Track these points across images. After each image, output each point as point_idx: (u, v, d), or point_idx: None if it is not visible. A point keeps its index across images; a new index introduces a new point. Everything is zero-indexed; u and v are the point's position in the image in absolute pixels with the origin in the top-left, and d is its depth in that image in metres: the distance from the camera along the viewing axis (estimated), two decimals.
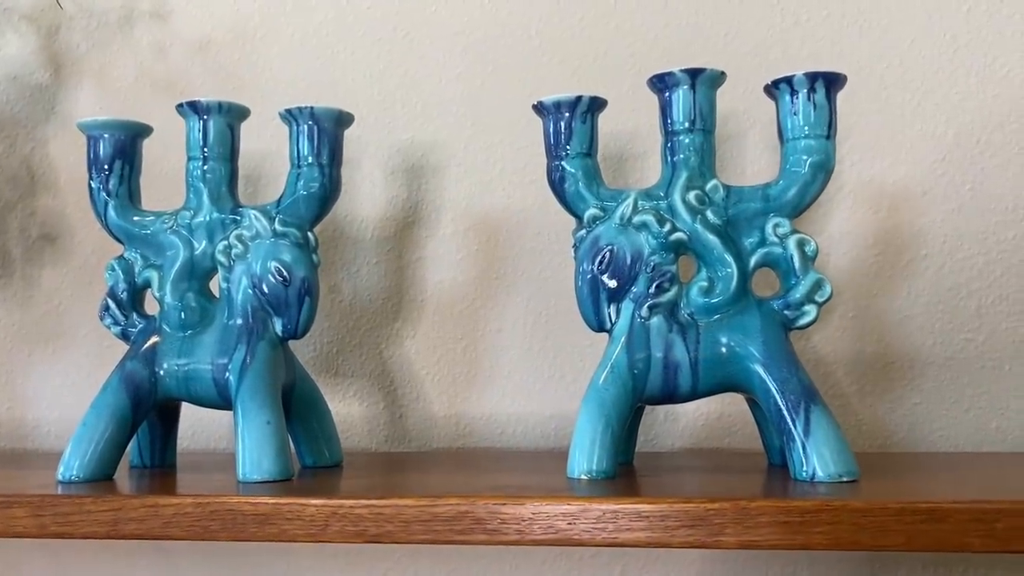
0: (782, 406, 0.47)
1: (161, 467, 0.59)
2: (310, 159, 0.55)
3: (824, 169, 0.51)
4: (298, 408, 0.58)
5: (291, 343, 0.59)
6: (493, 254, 0.72)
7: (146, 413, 0.55)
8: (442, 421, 0.72)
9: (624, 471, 0.53)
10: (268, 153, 0.73)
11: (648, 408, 0.68)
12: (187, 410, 0.60)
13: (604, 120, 0.55)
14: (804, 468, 0.46)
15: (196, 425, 0.74)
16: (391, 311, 0.73)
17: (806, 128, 0.50)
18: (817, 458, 0.46)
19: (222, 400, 0.54)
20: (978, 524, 0.38)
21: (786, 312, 0.50)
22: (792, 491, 0.43)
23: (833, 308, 0.67)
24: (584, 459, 0.48)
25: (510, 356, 0.71)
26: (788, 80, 0.50)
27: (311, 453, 0.58)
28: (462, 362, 0.72)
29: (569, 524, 0.41)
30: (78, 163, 0.77)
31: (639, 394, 0.50)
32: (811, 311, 0.49)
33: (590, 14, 0.71)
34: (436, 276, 0.73)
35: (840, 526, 0.39)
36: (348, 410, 0.73)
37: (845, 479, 0.45)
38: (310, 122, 0.55)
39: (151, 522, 0.44)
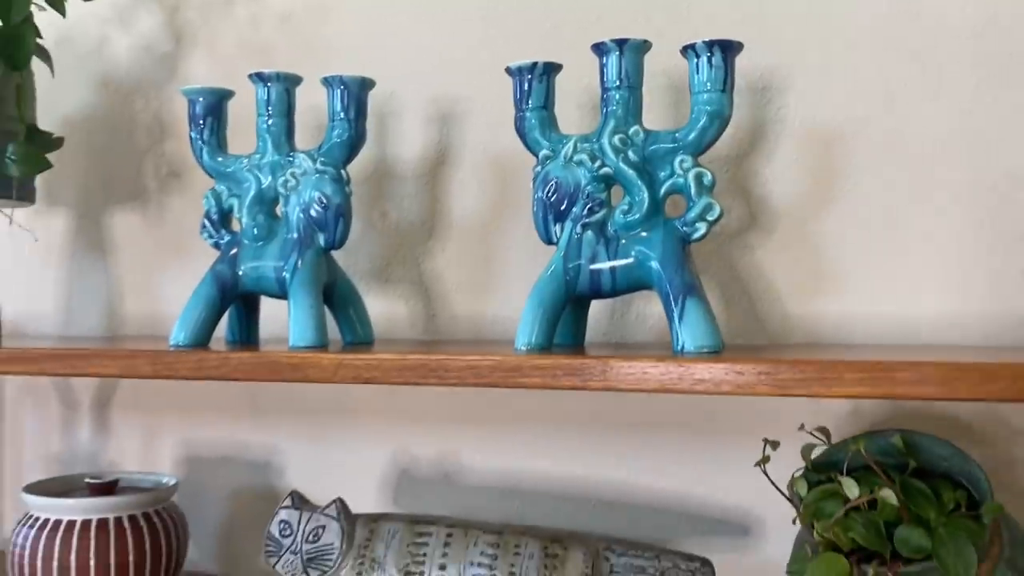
0: (669, 296, 0.63)
1: (246, 343, 0.80)
2: (341, 115, 0.74)
3: (719, 117, 0.65)
4: (339, 300, 0.78)
5: (350, 257, 0.79)
6: (504, 186, 0.89)
7: (231, 301, 0.77)
8: (464, 319, 0.91)
9: (568, 349, 0.69)
10: None
11: (624, 310, 0.85)
12: (279, 308, 0.81)
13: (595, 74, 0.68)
14: (679, 343, 0.62)
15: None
16: (426, 232, 0.92)
17: (708, 84, 0.65)
18: (687, 335, 0.61)
19: (281, 291, 0.74)
20: (765, 376, 0.53)
21: (684, 228, 0.65)
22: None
23: (775, 227, 0.80)
24: (524, 335, 0.66)
25: (517, 267, 0.88)
26: (692, 47, 0.65)
27: (349, 332, 0.78)
28: (480, 272, 0.90)
29: (491, 372, 0.59)
30: None
31: (571, 291, 0.67)
32: (702, 227, 0.64)
33: None
34: (461, 204, 0.91)
35: (668, 377, 0.55)
36: (394, 309, 0.93)
37: (706, 350, 0.61)
38: (341, 87, 0.74)
39: (223, 368, 0.66)
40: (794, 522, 0.60)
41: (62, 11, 0.88)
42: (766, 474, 0.61)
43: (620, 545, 0.69)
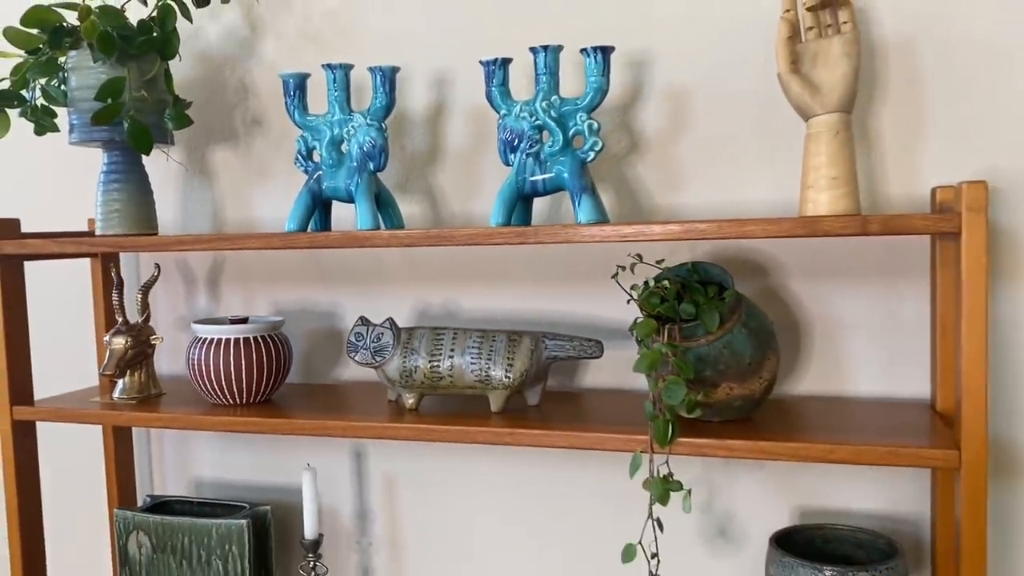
0: (573, 193, 1.13)
1: (326, 229, 1.31)
2: (381, 89, 1.23)
3: (601, 90, 1.14)
4: (383, 202, 1.28)
5: (380, 174, 1.28)
6: (480, 129, 1.38)
7: (317, 206, 1.26)
8: (458, 214, 1.41)
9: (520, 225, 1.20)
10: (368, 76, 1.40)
11: (556, 207, 1.35)
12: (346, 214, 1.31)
13: (530, 60, 1.18)
14: (578, 218, 1.13)
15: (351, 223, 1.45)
16: (430, 159, 1.42)
17: (595, 71, 1.14)
18: (583, 214, 1.12)
19: (349, 198, 1.24)
20: (616, 230, 1.04)
21: (582, 155, 1.15)
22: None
23: (648, 151, 1.30)
24: (495, 218, 1.16)
25: (489, 181, 1.38)
26: (586, 49, 1.13)
27: (389, 222, 1.28)
28: (466, 184, 1.40)
29: (480, 236, 1.10)
30: (268, 81, 1.48)
31: (520, 192, 1.17)
32: (591, 154, 1.14)
33: None
34: (453, 141, 1.40)
35: (572, 233, 1.06)
36: (412, 209, 1.43)
37: (594, 221, 1.12)
38: (380, 72, 1.22)
39: (325, 240, 1.16)
40: (629, 302, 1.13)
41: (190, 19, 1.35)
42: (619, 283, 1.13)
43: (550, 335, 1.21)
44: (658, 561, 1.06)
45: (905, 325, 1.22)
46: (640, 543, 1.05)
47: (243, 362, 1.29)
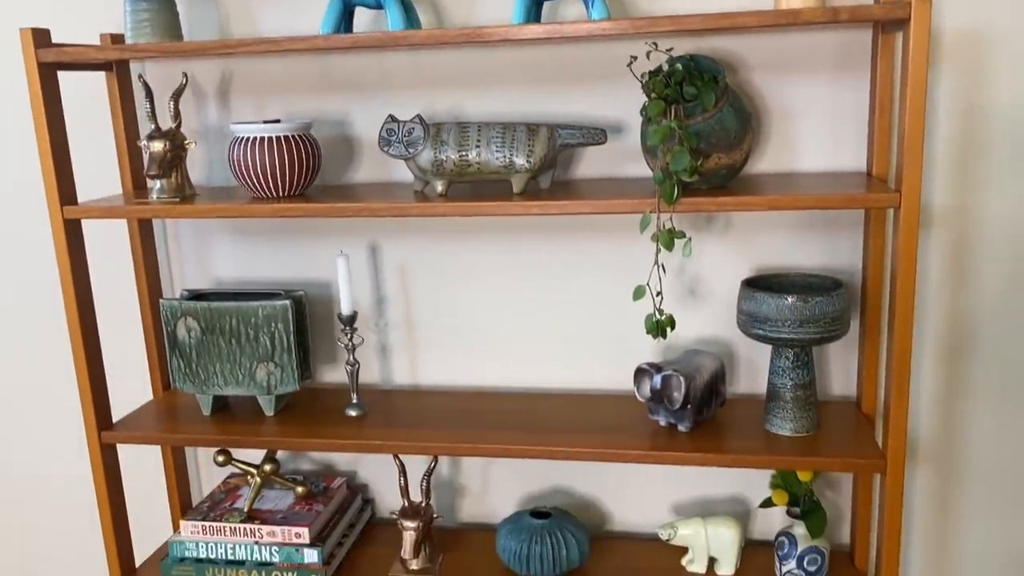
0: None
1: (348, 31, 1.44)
2: None
3: None
4: (405, 7, 1.42)
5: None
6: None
7: (345, 12, 1.40)
8: (460, 25, 1.56)
9: None
10: None
11: (554, 14, 1.52)
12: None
13: None
14: (590, 15, 1.31)
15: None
16: None
17: None
18: (595, 12, 1.31)
19: (378, 5, 1.38)
20: (630, 23, 1.23)
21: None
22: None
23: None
24: (516, 18, 1.34)
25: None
26: None
27: (410, 26, 1.43)
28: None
29: (507, 32, 1.27)
30: None
31: None
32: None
33: None
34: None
35: (587, 28, 1.25)
36: (424, 19, 1.57)
37: (604, 18, 1.31)
38: None
39: (363, 41, 1.31)
40: (646, 83, 1.34)
41: None
42: (632, 71, 1.33)
43: (562, 125, 1.42)
44: (662, 298, 1.32)
45: (846, 111, 1.49)
46: (648, 284, 1.31)
47: (285, 157, 1.44)
